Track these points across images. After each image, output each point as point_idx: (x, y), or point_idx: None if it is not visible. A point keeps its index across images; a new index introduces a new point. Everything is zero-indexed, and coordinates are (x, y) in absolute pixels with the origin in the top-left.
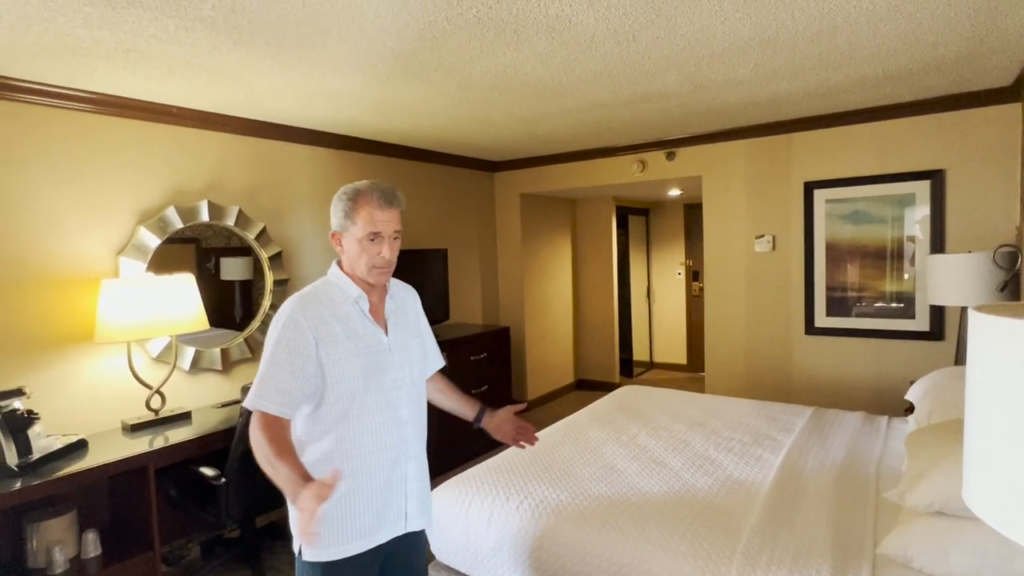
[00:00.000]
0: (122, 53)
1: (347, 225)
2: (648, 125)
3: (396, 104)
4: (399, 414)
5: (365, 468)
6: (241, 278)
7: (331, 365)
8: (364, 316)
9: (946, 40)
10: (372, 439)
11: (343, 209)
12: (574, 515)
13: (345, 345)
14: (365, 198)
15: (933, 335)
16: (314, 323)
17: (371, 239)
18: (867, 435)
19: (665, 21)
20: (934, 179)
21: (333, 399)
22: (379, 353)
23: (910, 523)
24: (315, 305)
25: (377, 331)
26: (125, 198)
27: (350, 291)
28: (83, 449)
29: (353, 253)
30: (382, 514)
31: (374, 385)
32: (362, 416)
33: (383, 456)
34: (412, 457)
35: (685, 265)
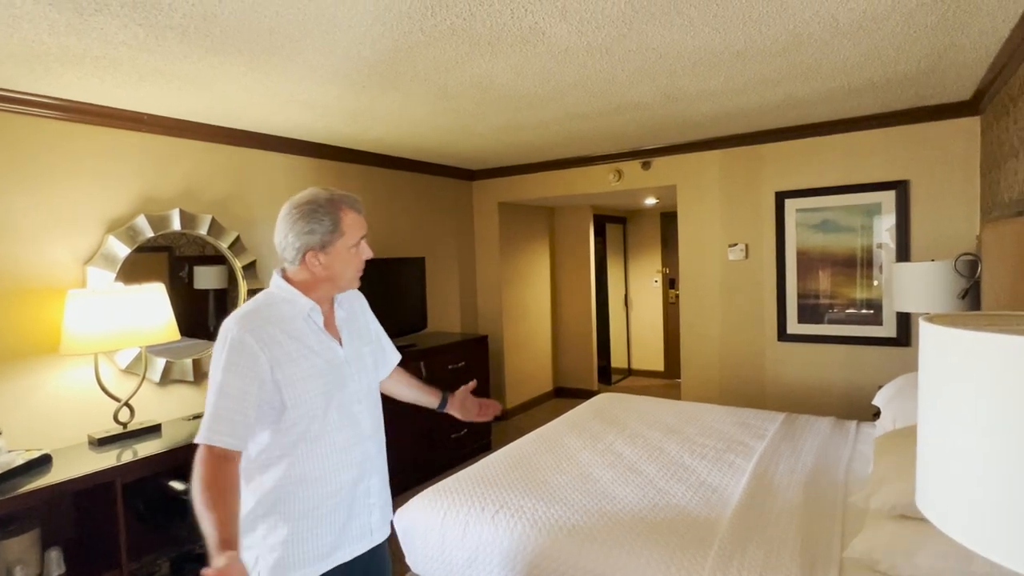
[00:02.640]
0: (91, 60)
1: (333, 239)
2: (624, 135)
3: (373, 113)
4: (361, 429)
5: (326, 489)
6: (215, 287)
7: (289, 387)
8: (319, 330)
9: (906, 56)
10: (335, 459)
11: (330, 222)
12: (549, 524)
13: (302, 364)
14: (343, 205)
15: (900, 341)
16: (266, 344)
17: (358, 244)
18: (836, 440)
19: (636, 35)
20: (899, 189)
21: (292, 421)
22: (337, 367)
23: (875, 526)
24: (263, 324)
25: (333, 344)
26: (93, 206)
27: (302, 304)
28: (47, 464)
29: (342, 264)
30: (346, 532)
31: (334, 403)
32: (323, 436)
33: (346, 474)
34: (376, 471)
35: (662, 273)
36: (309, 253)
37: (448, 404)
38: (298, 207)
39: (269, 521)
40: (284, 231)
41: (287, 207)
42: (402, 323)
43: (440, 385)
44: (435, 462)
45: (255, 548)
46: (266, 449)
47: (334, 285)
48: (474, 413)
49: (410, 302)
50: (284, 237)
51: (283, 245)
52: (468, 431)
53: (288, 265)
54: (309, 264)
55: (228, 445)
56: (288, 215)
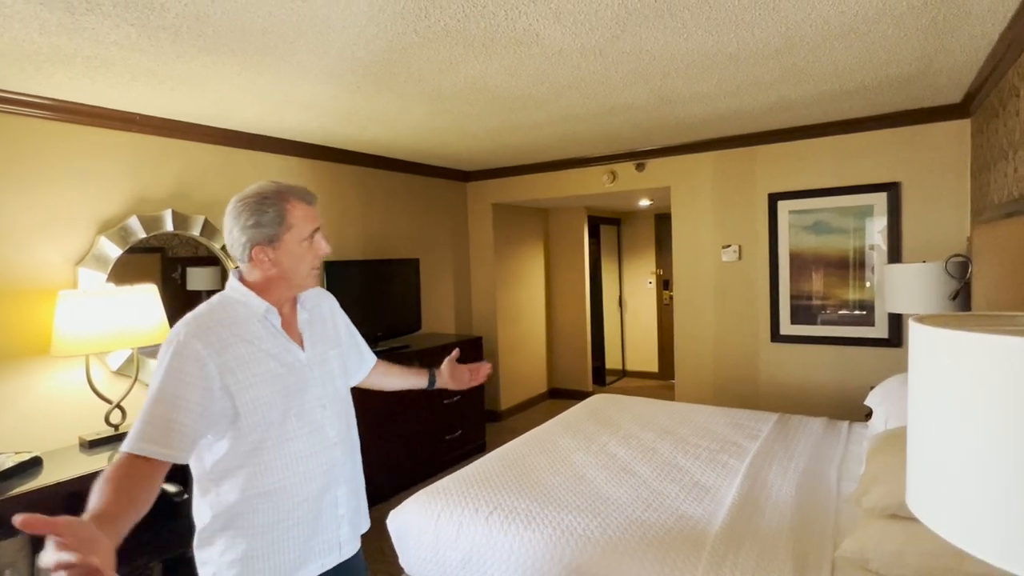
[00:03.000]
0: (82, 60)
1: (281, 232)
2: (618, 137)
3: (367, 114)
4: (326, 436)
5: (289, 501)
6: (208, 288)
7: (242, 393)
8: (276, 332)
9: (897, 59)
10: (297, 468)
11: (274, 215)
12: (543, 525)
13: (256, 368)
14: (292, 196)
15: (892, 342)
16: (215, 349)
17: (311, 238)
18: (829, 440)
19: (630, 37)
20: (890, 191)
21: (247, 429)
22: (297, 372)
23: (866, 526)
24: (214, 328)
25: (292, 347)
26: (85, 207)
27: (256, 306)
28: (37, 467)
29: (293, 260)
30: (310, 547)
31: (294, 408)
32: (281, 444)
33: (310, 485)
34: (343, 480)
35: (656, 274)
36: (256, 248)
37: (437, 379)
38: (243, 200)
39: (227, 536)
40: (230, 226)
41: (232, 201)
42: (396, 324)
43: (440, 396)
44: (429, 463)
45: (212, 564)
46: (222, 459)
47: (288, 283)
48: (467, 380)
49: (404, 303)
50: (230, 233)
51: (230, 242)
52: (462, 432)
53: (240, 265)
54: (257, 261)
55: (155, 455)
56: (233, 209)
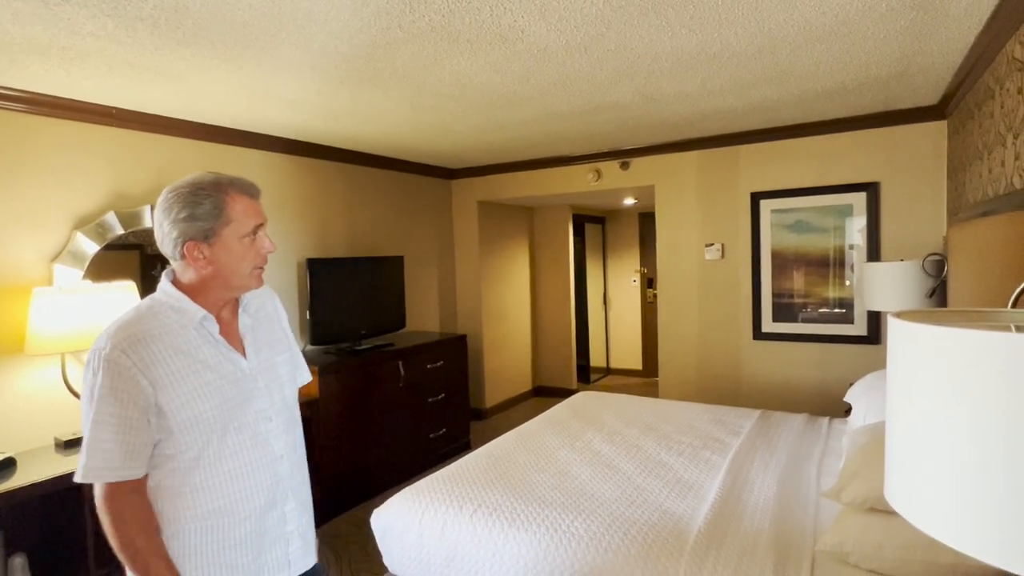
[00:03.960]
0: (57, 51)
1: (218, 227)
2: (603, 135)
3: (350, 110)
4: (271, 450)
5: (228, 520)
6: None
7: (176, 411)
8: (214, 341)
9: (877, 60)
10: (236, 486)
11: (210, 207)
12: (527, 522)
13: (191, 382)
14: (232, 188)
15: (870, 339)
16: (144, 364)
17: (253, 234)
18: (810, 436)
19: (615, 35)
20: (869, 191)
21: (182, 447)
22: (238, 383)
23: (846, 520)
24: (143, 340)
25: (233, 356)
26: (60, 202)
27: (191, 313)
28: (11, 468)
29: (232, 258)
30: (259, 565)
31: (234, 423)
32: (219, 462)
33: (253, 502)
34: (291, 495)
35: (640, 272)
36: (188, 244)
37: None
38: (175, 191)
39: None
40: (160, 219)
41: (164, 192)
42: (381, 322)
43: (417, 389)
44: (414, 462)
45: None
46: (152, 478)
47: (226, 284)
48: None
49: (389, 301)
50: (160, 227)
51: (160, 237)
52: (446, 431)
53: (173, 264)
54: (191, 258)
55: (120, 478)
56: (164, 200)
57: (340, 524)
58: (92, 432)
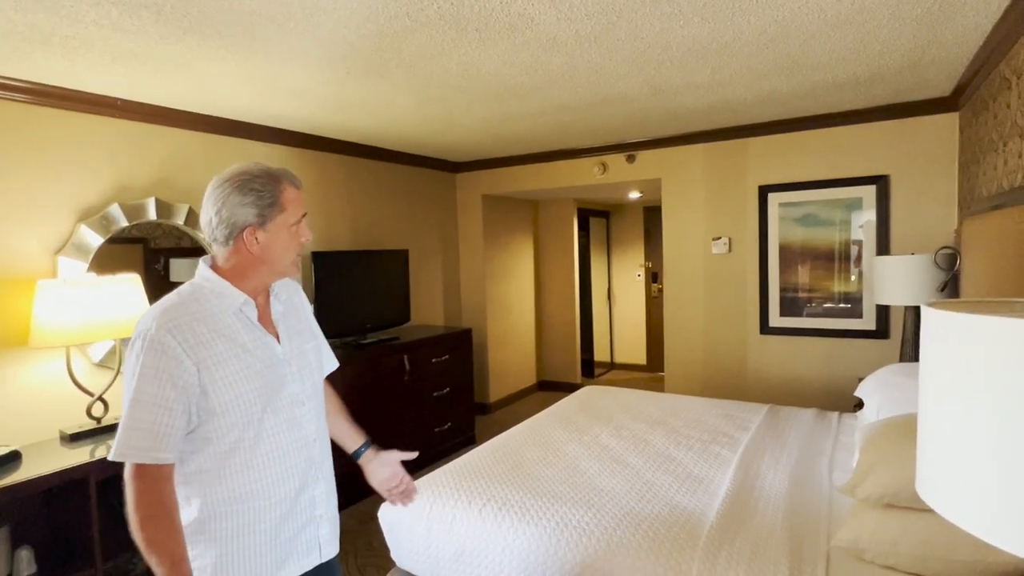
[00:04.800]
0: (60, 39)
1: (273, 214)
2: (609, 128)
3: (356, 101)
4: (305, 433)
5: (266, 502)
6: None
7: (219, 393)
8: (252, 326)
9: (891, 49)
10: (273, 468)
11: (271, 195)
12: (537, 517)
13: (234, 365)
14: (285, 179)
15: (879, 333)
16: (190, 345)
17: (298, 224)
18: (819, 431)
19: (626, 24)
20: (879, 184)
21: (223, 430)
22: (274, 367)
23: (861, 516)
24: (187, 321)
25: (268, 341)
26: (64, 194)
27: (233, 298)
28: (16, 461)
29: (280, 246)
30: (289, 548)
31: (271, 406)
32: (257, 445)
33: (287, 485)
34: (321, 478)
35: (644, 267)
36: (247, 230)
37: (363, 457)
38: (230, 180)
39: (196, 546)
40: (216, 207)
41: (216, 181)
42: (385, 316)
43: (422, 383)
44: (418, 457)
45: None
46: (191, 461)
47: (270, 270)
48: (385, 488)
49: (393, 295)
50: (216, 213)
51: (214, 224)
52: (451, 425)
53: (219, 248)
54: (246, 243)
55: (154, 460)
56: (220, 188)
57: (346, 519)
58: (130, 411)
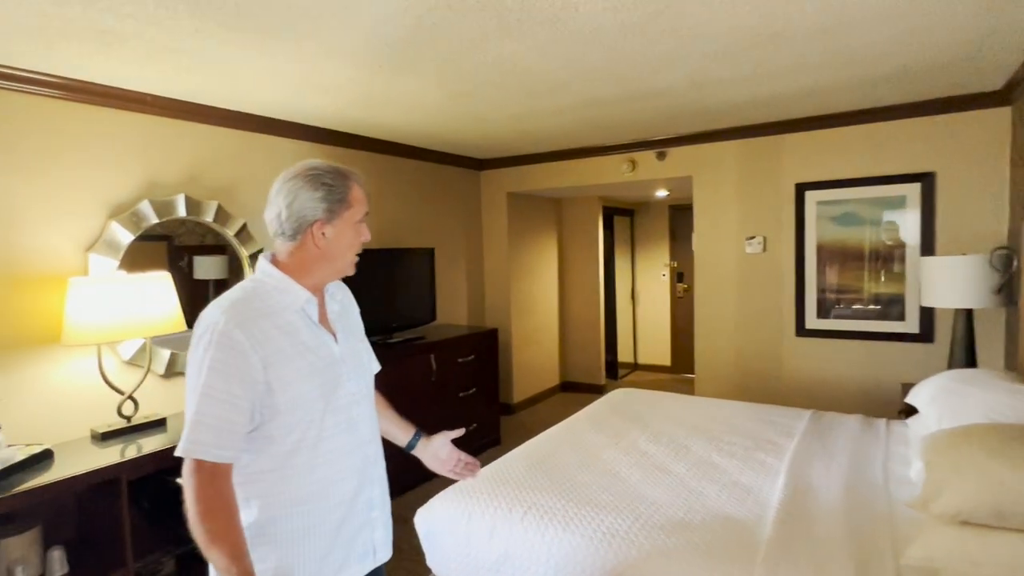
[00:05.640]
0: (95, 34)
1: (341, 209)
2: (641, 124)
3: (385, 97)
4: (361, 434)
5: (327, 504)
6: (216, 277)
7: (283, 390)
8: (313, 324)
9: (948, 41)
10: (332, 468)
11: (340, 191)
12: (582, 527)
13: (296, 362)
14: (352, 177)
15: (923, 337)
16: (257, 340)
17: (361, 221)
18: (868, 439)
19: (673, 13)
20: (924, 181)
21: (287, 429)
22: (333, 366)
23: (934, 533)
24: (253, 317)
25: (327, 339)
26: (95, 191)
27: (297, 295)
28: (48, 460)
29: (343, 243)
30: (348, 551)
31: (331, 405)
32: (318, 444)
33: (346, 486)
34: (377, 480)
35: (670, 267)
36: (315, 225)
37: (418, 447)
38: (301, 174)
39: (257, 549)
40: (287, 200)
41: (286, 175)
42: (411, 315)
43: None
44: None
45: None
46: (253, 462)
47: (332, 267)
48: (448, 467)
49: (419, 293)
50: (288, 207)
51: (283, 217)
52: (477, 426)
53: (284, 243)
54: (314, 238)
55: (217, 458)
56: (291, 182)
57: None
58: (199, 405)
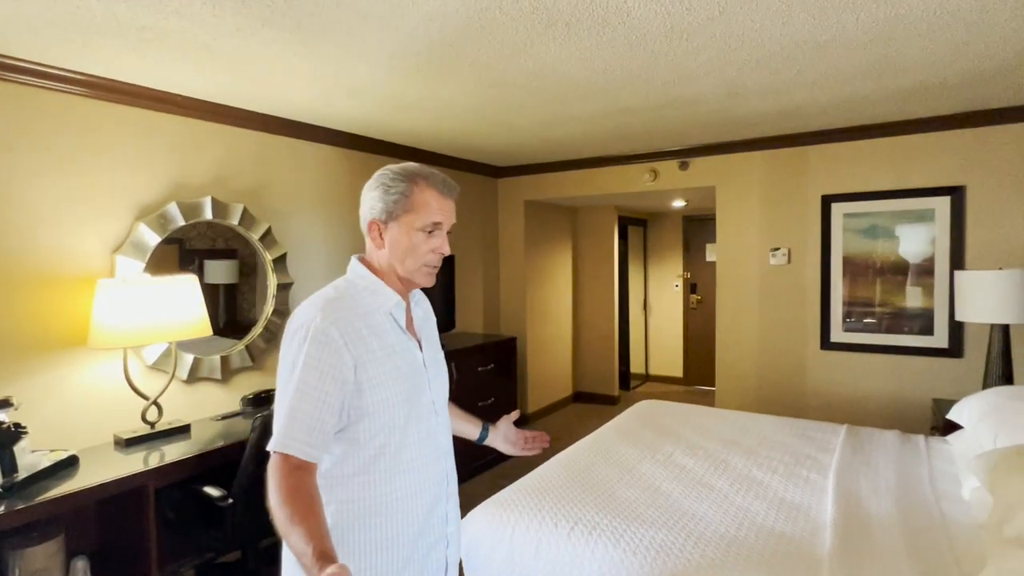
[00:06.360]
0: (135, 31)
1: (398, 212)
2: (665, 133)
3: (415, 101)
4: (439, 444)
5: (403, 516)
6: (226, 281)
7: (372, 391)
8: (399, 329)
9: (992, 52)
10: (412, 478)
11: (397, 192)
12: (634, 545)
13: (385, 364)
14: (425, 181)
15: (952, 352)
16: (351, 339)
17: (429, 231)
18: (908, 455)
19: (726, 19)
20: (954, 195)
21: (372, 432)
22: (416, 373)
23: (1004, 556)
24: (347, 316)
25: (412, 346)
26: (123, 192)
27: (387, 297)
28: (74, 466)
29: (402, 247)
30: (422, 568)
31: (415, 413)
32: (401, 452)
33: (422, 498)
34: (452, 495)
35: (683, 278)
36: (372, 221)
37: (489, 436)
38: (380, 172)
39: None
40: (362, 197)
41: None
42: None
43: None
44: (464, 469)
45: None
46: (336, 466)
47: (402, 271)
48: (519, 445)
49: (438, 301)
50: (361, 206)
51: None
52: None
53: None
54: (371, 234)
55: (305, 456)
56: (370, 180)
57: None
58: (293, 401)
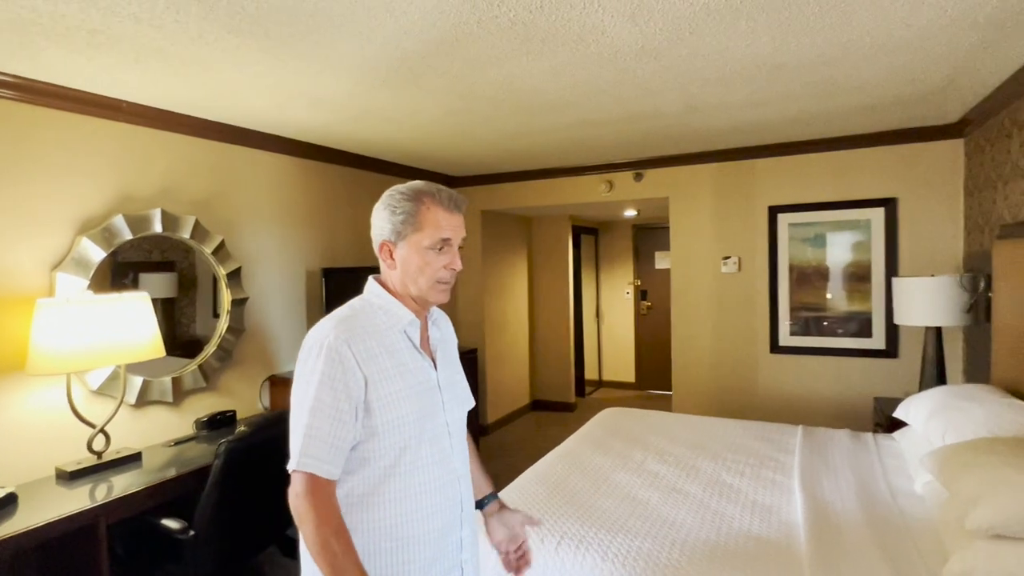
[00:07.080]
0: (85, 34)
1: (407, 232)
2: (623, 145)
3: (377, 111)
4: (453, 467)
5: (415, 541)
6: (164, 296)
7: (383, 411)
8: (413, 348)
9: (927, 75)
10: (423, 501)
11: (404, 212)
12: (621, 555)
13: (397, 383)
14: (431, 199)
15: (889, 353)
16: (363, 358)
17: (439, 248)
18: (861, 453)
19: (695, 39)
20: (888, 206)
21: (380, 453)
22: (430, 393)
23: (969, 547)
24: (361, 334)
25: (426, 365)
26: (63, 204)
27: (401, 316)
28: (11, 505)
29: (413, 266)
30: None
31: (427, 434)
32: (412, 473)
33: (435, 522)
34: (467, 521)
35: (634, 285)
36: (383, 244)
37: (488, 508)
38: (388, 192)
39: None
40: (372, 219)
41: None
42: None
43: None
44: None
45: None
46: (347, 486)
47: (415, 291)
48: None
49: None
50: (372, 228)
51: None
52: None
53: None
54: (383, 256)
55: (327, 474)
56: (379, 201)
57: None
58: (310, 419)
